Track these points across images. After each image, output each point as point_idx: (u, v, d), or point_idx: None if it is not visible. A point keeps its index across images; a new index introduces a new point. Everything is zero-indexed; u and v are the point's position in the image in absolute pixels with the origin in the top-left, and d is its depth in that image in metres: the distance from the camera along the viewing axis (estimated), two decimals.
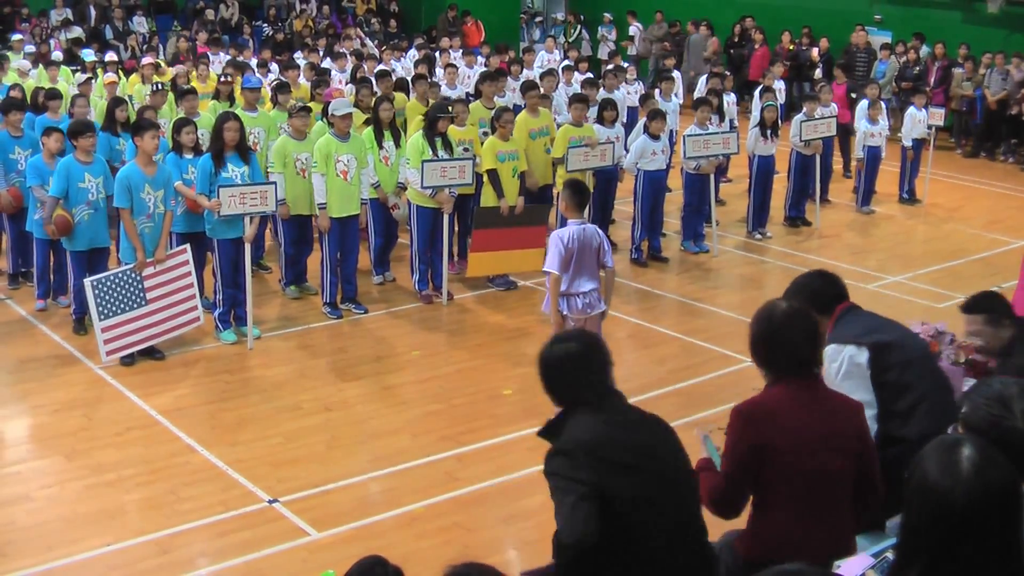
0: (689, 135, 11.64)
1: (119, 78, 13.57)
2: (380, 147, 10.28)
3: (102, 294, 8.24)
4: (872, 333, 4.47)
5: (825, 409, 3.82)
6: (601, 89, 13.22)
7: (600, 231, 7.34)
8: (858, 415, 3.92)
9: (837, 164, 15.15)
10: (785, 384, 3.81)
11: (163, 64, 15.54)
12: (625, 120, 14.46)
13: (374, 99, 11.07)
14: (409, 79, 13.60)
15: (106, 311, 8.27)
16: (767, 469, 3.74)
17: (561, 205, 7.39)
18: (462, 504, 6.52)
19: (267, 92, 12.87)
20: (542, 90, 12.03)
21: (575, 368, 3.77)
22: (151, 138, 8.44)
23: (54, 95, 11.20)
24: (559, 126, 11.29)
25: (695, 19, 22.29)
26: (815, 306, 4.23)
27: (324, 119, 10.23)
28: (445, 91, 13.96)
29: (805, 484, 3.74)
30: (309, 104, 10.87)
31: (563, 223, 7.47)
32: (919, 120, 14.38)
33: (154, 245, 8.53)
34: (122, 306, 8.33)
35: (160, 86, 12.26)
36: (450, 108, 10.42)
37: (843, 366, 4.43)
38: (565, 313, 7.19)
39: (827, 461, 3.74)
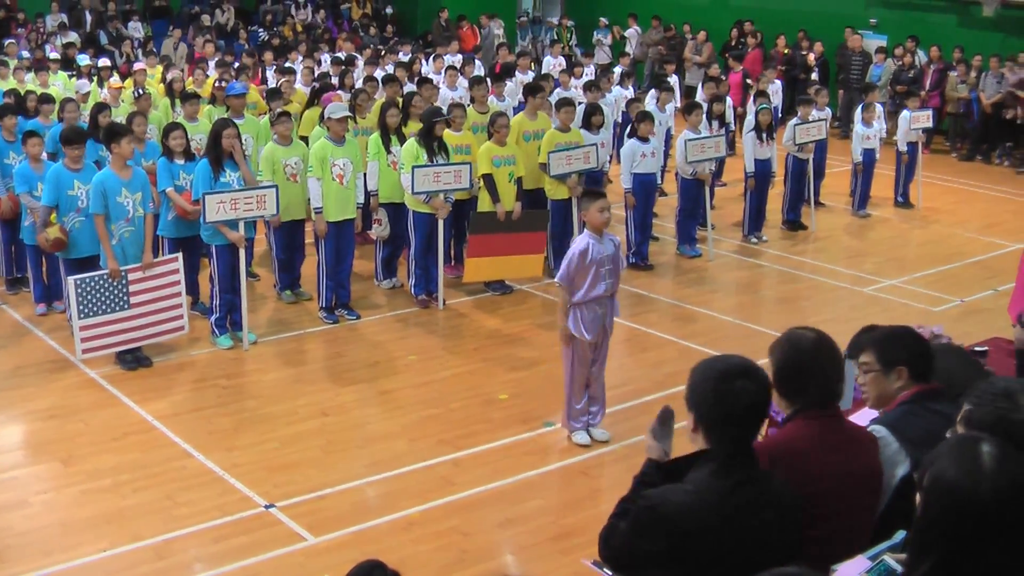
0: (689, 139, 11.65)
1: (123, 84, 13.59)
2: (388, 152, 10.29)
3: (85, 293, 8.22)
4: (926, 445, 3.57)
5: (851, 442, 3.53)
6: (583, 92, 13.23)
7: (615, 237, 7.30)
8: (875, 446, 3.63)
9: (834, 167, 15.19)
10: (811, 418, 3.48)
11: (160, 68, 15.58)
12: (620, 120, 14.54)
13: (379, 104, 11.10)
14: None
15: (87, 310, 8.25)
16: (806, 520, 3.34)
17: (583, 213, 7.34)
18: (459, 508, 6.53)
19: (261, 100, 12.90)
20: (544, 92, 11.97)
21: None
22: (127, 143, 8.42)
23: (46, 99, 11.21)
24: None
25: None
26: (913, 368, 3.79)
27: (322, 123, 10.25)
28: (445, 93, 14.00)
29: (849, 530, 3.42)
30: (288, 109, 10.90)
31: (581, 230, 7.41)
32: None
33: (137, 249, 8.47)
34: (103, 307, 8.31)
35: (142, 91, 12.26)
36: (443, 111, 10.43)
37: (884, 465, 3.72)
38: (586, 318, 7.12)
39: (864, 500, 3.52)
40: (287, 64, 15.84)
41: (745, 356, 3.35)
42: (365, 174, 10.18)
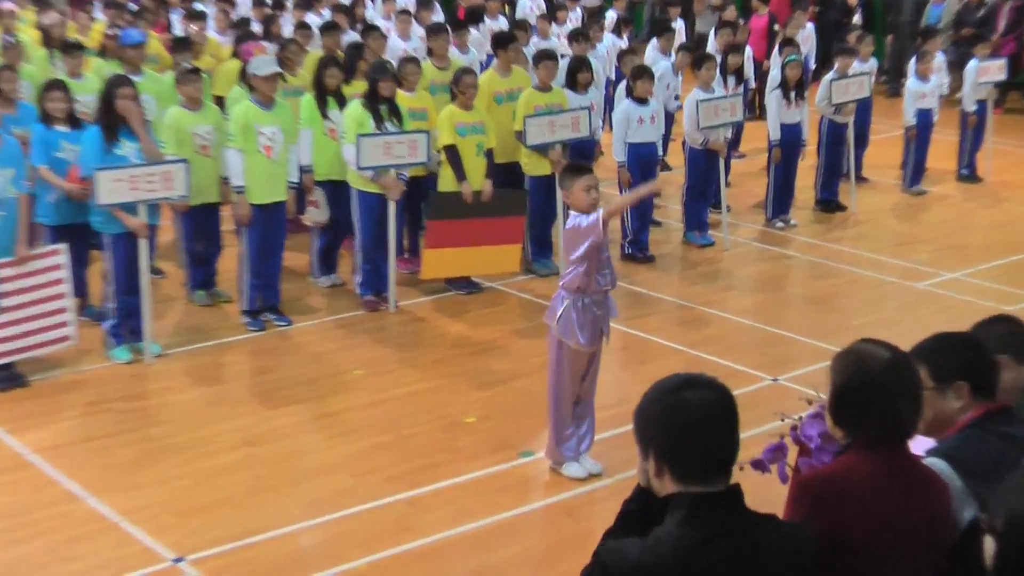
0: (700, 100, 11.77)
1: None
2: (325, 118, 10.38)
3: None
4: (995, 479, 3.48)
5: (915, 486, 3.52)
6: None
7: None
8: (946, 494, 3.61)
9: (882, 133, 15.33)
10: (869, 452, 3.51)
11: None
12: (613, 77, 14.67)
13: (313, 57, 11.16)
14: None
15: None
16: (844, 563, 3.42)
17: (564, 193, 7.44)
18: (417, 558, 6.60)
19: (164, 52, 12.95)
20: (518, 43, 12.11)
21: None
22: None
23: None
24: None
25: None
26: (975, 382, 3.83)
27: (243, 82, 10.32)
28: (397, 44, 14.04)
29: None
30: (198, 64, 10.98)
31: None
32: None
33: (9, 239, 8.43)
34: None
35: (12, 40, 12.25)
36: (389, 66, 10.51)
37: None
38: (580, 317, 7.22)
39: (929, 551, 3.54)
40: (197, 6, 15.87)
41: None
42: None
